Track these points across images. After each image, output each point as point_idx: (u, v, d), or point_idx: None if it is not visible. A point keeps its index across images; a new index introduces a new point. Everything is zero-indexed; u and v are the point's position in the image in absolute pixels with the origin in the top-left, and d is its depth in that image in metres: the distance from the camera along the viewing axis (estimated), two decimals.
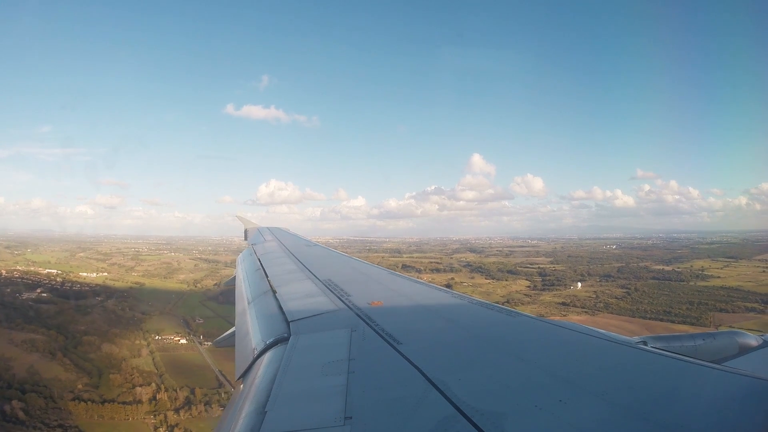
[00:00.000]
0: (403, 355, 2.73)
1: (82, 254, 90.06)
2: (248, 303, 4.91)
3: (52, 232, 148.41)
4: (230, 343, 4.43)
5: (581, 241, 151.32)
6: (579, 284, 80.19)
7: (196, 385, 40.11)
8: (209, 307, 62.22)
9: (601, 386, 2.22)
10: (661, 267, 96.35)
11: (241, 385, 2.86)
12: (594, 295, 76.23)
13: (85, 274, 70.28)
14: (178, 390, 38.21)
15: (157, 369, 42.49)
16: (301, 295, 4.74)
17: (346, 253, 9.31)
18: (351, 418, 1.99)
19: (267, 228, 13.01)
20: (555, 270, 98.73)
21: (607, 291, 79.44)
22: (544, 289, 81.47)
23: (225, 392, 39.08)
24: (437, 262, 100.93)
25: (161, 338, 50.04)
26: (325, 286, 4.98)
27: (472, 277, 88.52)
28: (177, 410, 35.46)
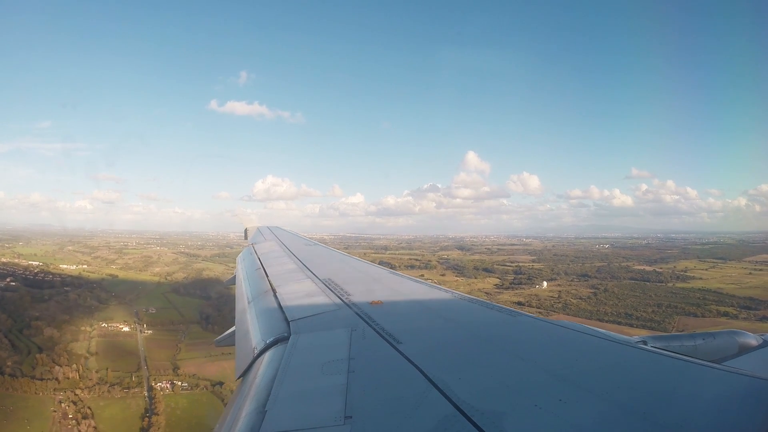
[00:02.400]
0: (403, 355, 2.74)
1: (70, 247, 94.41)
2: (248, 302, 4.94)
3: (51, 226, 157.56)
4: (230, 342, 4.47)
5: (576, 240, 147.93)
6: (545, 283, 78.89)
7: (118, 368, 43.34)
8: (169, 298, 65.84)
9: (601, 386, 2.24)
10: (642, 267, 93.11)
11: (241, 385, 2.89)
12: (556, 295, 74.74)
13: (65, 266, 74.11)
14: (94, 371, 41.47)
15: (88, 352, 46.00)
16: (301, 294, 4.77)
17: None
18: (351, 417, 2.00)
19: (267, 227, 13.18)
20: (533, 268, 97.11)
21: (573, 291, 77.67)
22: (510, 288, 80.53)
23: (136, 375, 42.05)
24: (416, 259, 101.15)
25: (107, 325, 53.20)
26: (325, 285, 5.00)
27: (443, 275, 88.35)
28: (84, 389, 38.57)
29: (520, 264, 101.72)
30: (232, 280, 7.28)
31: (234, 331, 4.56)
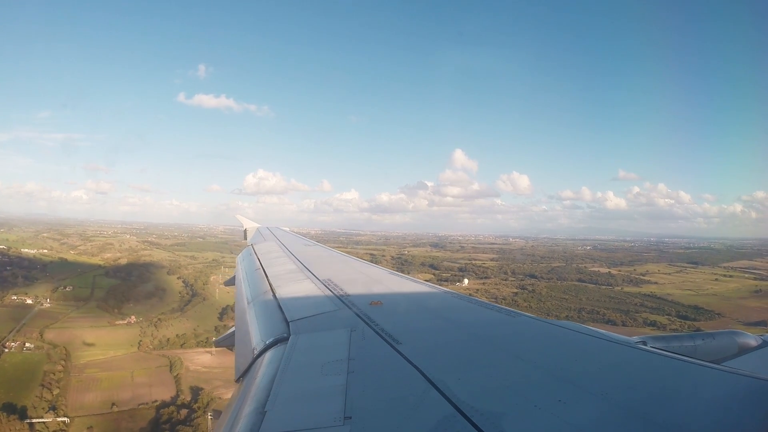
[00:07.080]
0: (402, 355, 2.75)
1: (45, 234, 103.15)
2: (248, 303, 4.92)
3: (45, 215, 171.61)
4: (230, 342, 4.46)
5: (562, 242, 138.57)
6: (466, 281, 76.12)
7: None
8: (96, 280, 71.42)
9: (600, 386, 2.26)
10: (598, 269, 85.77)
11: (241, 385, 2.86)
12: (470, 294, 71.49)
13: (26, 249, 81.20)
14: None
15: None
16: (300, 294, 4.80)
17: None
18: (350, 417, 2.00)
19: (267, 227, 13.22)
20: (483, 266, 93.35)
21: (493, 290, 73.62)
22: (437, 283, 78.51)
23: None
24: (371, 254, 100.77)
25: (16, 298, 60.51)
26: (325, 285, 5.02)
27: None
28: None
29: (475, 262, 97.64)
30: (232, 281, 7.28)
31: (234, 331, 4.55)
